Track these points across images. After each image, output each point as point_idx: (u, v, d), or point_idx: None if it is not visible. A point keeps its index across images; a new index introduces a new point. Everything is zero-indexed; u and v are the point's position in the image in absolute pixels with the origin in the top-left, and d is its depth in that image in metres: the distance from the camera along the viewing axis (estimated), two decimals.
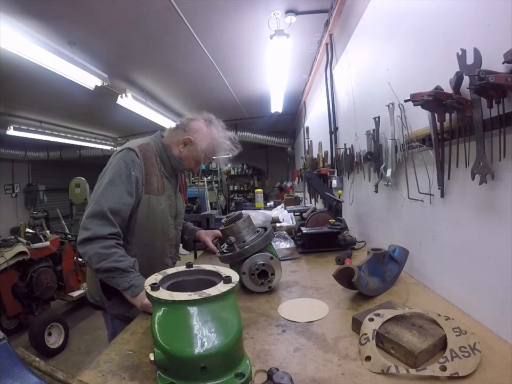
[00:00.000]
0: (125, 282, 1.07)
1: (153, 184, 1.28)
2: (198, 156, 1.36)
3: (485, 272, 0.83)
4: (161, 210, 1.32)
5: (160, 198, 1.31)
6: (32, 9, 2.58)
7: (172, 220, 1.40)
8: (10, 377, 0.50)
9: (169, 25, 2.98)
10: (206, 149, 1.36)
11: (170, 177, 1.39)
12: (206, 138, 1.36)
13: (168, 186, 1.38)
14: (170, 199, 1.38)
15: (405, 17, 1.26)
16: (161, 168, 1.34)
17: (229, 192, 10.94)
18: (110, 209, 1.12)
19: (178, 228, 1.47)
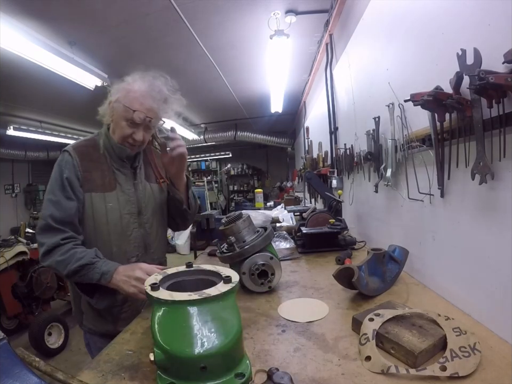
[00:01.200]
0: (96, 274, 1.04)
1: (94, 181, 1.17)
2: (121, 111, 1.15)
3: (485, 272, 0.83)
4: (110, 208, 1.18)
5: (109, 194, 1.18)
6: (32, 9, 2.58)
7: (134, 217, 1.23)
8: (10, 377, 0.50)
9: (169, 25, 2.98)
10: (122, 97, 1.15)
11: (123, 168, 1.24)
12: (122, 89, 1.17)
13: (123, 179, 1.23)
14: (127, 193, 1.22)
15: (405, 17, 1.26)
16: (110, 162, 1.22)
17: (229, 192, 10.94)
18: (53, 219, 1.08)
19: (147, 226, 1.27)
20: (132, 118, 1.14)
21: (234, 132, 7.65)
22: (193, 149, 9.60)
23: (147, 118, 1.16)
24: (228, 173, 10.50)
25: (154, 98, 1.16)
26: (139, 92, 1.15)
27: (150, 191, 1.31)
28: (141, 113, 1.14)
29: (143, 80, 1.17)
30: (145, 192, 1.29)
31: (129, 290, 1.02)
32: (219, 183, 10.72)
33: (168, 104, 1.21)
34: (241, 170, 11.16)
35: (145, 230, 1.27)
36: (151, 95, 1.15)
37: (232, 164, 11.08)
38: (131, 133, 1.17)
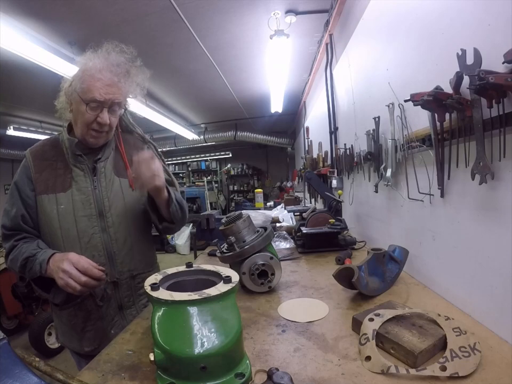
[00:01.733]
0: (37, 265, 0.96)
1: (45, 182, 1.06)
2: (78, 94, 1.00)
3: (485, 272, 0.83)
4: (62, 211, 1.04)
5: (61, 195, 1.05)
6: (32, 9, 2.57)
7: (93, 220, 1.07)
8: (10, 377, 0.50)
9: (169, 25, 2.98)
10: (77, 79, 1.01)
11: (79, 162, 1.09)
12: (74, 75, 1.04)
13: (80, 177, 1.08)
14: (83, 192, 1.07)
15: (405, 17, 1.26)
16: (68, 158, 1.09)
17: (229, 192, 10.95)
18: (4, 227, 1.07)
19: (111, 231, 1.09)
20: (92, 99, 0.99)
21: (234, 132, 7.65)
22: (193, 149, 9.60)
23: (109, 95, 1.01)
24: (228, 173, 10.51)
25: (113, 72, 1.02)
26: (94, 68, 1.00)
27: (119, 187, 1.12)
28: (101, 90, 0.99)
29: (97, 55, 1.04)
30: (110, 189, 1.11)
31: (58, 282, 0.93)
32: (219, 183, 10.72)
33: (131, 76, 1.07)
34: (241, 170, 11.16)
35: (110, 236, 1.09)
36: (110, 69, 1.02)
37: (232, 164, 11.09)
38: (94, 117, 1.02)
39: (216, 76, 4.39)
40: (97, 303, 1.10)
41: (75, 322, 1.10)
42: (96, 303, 1.10)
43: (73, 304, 1.09)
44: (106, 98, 1.01)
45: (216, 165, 11.14)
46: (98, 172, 1.11)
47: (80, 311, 1.10)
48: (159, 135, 7.98)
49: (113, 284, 1.11)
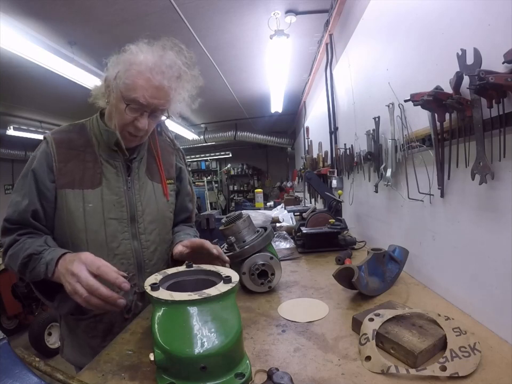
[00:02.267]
0: (41, 266, 0.80)
1: (71, 174, 0.93)
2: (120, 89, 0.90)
3: (485, 272, 0.83)
4: (90, 210, 0.93)
5: (89, 192, 0.94)
6: (32, 9, 2.58)
7: (124, 225, 0.97)
8: (10, 377, 0.50)
9: (169, 25, 2.98)
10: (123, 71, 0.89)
11: (113, 159, 0.99)
12: (118, 64, 0.91)
13: (111, 174, 0.98)
14: (115, 192, 0.97)
15: (405, 17, 1.26)
16: (98, 151, 0.98)
17: (229, 192, 10.95)
18: (7, 221, 0.91)
19: (143, 238, 1.01)
20: (134, 99, 0.89)
21: (234, 132, 7.66)
22: (193, 149, 9.60)
23: (155, 100, 0.90)
24: (228, 173, 10.51)
25: (165, 74, 0.89)
26: (145, 64, 0.88)
27: (152, 192, 1.05)
28: (146, 92, 0.88)
29: (150, 50, 0.91)
30: (144, 193, 1.03)
31: (66, 287, 0.75)
32: (219, 183, 10.73)
33: (181, 82, 0.95)
34: (241, 170, 11.17)
35: (140, 243, 1.00)
36: (161, 69, 0.89)
37: (232, 164, 11.09)
38: (133, 119, 0.92)
39: (216, 76, 4.39)
40: (124, 316, 0.96)
41: (93, 335, 0.97)
42: (123, 316, 0.96)
43: (93, 314, 0.96)
44: (150, 102, 0.90)
45: (216, 165, 11.14)
46: (133, 172, 1.02)
47: (101, 323, 0.97)
48: None
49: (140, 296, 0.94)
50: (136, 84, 0.88)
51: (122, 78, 0.88)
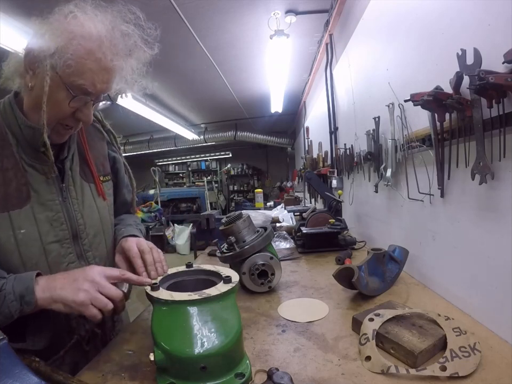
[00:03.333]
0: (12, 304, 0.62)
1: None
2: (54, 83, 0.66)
3: (485, 272, 0.83)
4: (24, 238, 0.70)
5: (17, 213, 0.70)
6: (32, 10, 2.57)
7: (67, 245, 0.77)
8: (10, 377, 0.50)
9: (169, 25, 2.98)
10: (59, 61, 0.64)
11: (40, 163, 0.73)
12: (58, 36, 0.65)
13: (41, 183, 0.74)
14: (50, 207, 0.75)
15: (405, 17, 1.26)
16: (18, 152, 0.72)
17: (229, 192, 10.95)
18: None
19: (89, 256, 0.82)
20: (81, 87, 0.67)
21: (234, 132, 7.66)
22: (193, 149, 9.61)
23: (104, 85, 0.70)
24: (228, 173, 10.51)
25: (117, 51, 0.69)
26: (96, 38, 0.66)
27: (91, 197, 0.84)
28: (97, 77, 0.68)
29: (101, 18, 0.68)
30: (82, 201, 0.82)
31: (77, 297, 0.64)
32: (219, 183, 10.72)
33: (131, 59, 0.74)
34: (241, 170, 11.17)
35: (88, 262, 0.81)
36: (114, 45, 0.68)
37: (232, 164, 11.09)
38: (74, 110, 0.70)
39: (216, 76, 4.39)
40: (84, 349, 0.83)
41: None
42: (83, 349, 0.83)
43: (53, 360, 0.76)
44: (99, 88, 0.70)
45: (216, 165, 11.14)
46: (66, 176, 0.79)
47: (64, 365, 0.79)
48: (159, 135, 7.99)
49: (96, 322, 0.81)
50: (84, 67, 0.65)
51: (64, 57, 0.64)
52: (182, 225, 6.63)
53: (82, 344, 0.83)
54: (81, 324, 0.83)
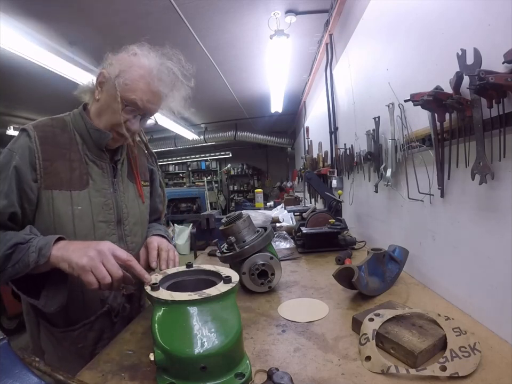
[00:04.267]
0: (32, 254, 0.73)
1: (57, 174, 0.87)
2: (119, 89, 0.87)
3: (485, 272, 0.83)
4: (79, 213, 0.89)
5: (77, 193, 0.89)
6: (32, 9, 2.58)
7: (111, 227, 0.95)
8: (10, 377, 0.50)
9: (169, 25, 2.98)
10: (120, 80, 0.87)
11: (100, 160, 0.96)
12: (121, 64, 0.89)
13: (98, 175, 0.94)
14: (103, 194, 0.94)
15: (405, 17, 1.26)
16: (83, 149, 0.93)
17: (229, 192, 10.95)
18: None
19: (128, 240, 1.00)
20: (132, 101, 0.88)
21: (234, 132, 7.65)
22: (193, 149, 9.61)
23: (150, 104, 0.91)
24: (228, 173, 10.51)
25: (162, 81, 0.90)
26: (147, 68, 0.89)
27: (134, 194, 1.05)
28: (145, 96, 0.89)
29: (153, 55, 0.92)
30: (127, 195, 1.02)
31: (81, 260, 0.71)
32: (219, 183, 10.72)
33: (174, 90, 0.95)
34: (241, 170, 11.16)
35: (126, 245, 0.98)
36: (160, 76, 0.90)
37: (232, 164, 11.09)
38: (125, 120, 0.91)
39: (216, 76, 4.39)
40: (112, 320, 0.97)
41: (84, 345, 0.93)
42: (111, 320, 0.97)
43: (83, 323, 0.93)
44: (146, 106, 0.91)
45: (216, 165, 11.14)
46: (118, 174, 1.00)
47: (92, 331, 0.94)
48: (159, 135, 7.98)
49: (127, 297, 1.02)
50: (137, 86, 0.88)
51: (122, 77, 0.87)
52: (182, 225, 6.63)
53: (111, 315, 0.97)
54: (114, 296, 0.98)
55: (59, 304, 0.83)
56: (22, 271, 0.75)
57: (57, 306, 0.83)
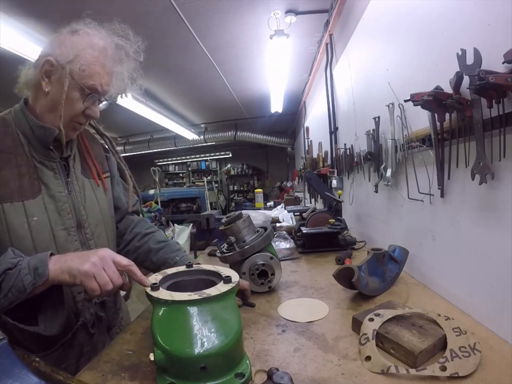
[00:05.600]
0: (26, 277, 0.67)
1: (7, 184, 0.77)
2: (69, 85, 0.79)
3: (485, 272, 0.83)
4: (36, 224, 0.80)
5: (30, 203, 0.80)
6: (32, 10, 2.58)
7: (72, 233, 0.87)
8: (10, 377, 0.50)
9: (169, 25, 2.98)
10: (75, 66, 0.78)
11: (49, 160, 0.85)
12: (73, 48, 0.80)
13: (50, 178, 0.85)
14: (58, 198, 0.85)
15: (405, 17, 1.26)
16: (29, 151, 0.83)
17: (229, 192, 10.95)
18: None
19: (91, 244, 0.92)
20: (92, 87, 0.81)
21: (234, 132, 7.66)
22: (193, 149, 9.61)
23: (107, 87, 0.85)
24: (228, 173, 10.50)
25: (114, 59, 0.85)
26: (103, 48, 0.82)
27: (91, 191, 0.95)
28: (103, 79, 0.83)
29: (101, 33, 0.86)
30: (83, 194, 0.92)
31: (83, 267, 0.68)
32: (219, 183, 10.72)
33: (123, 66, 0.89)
34: (241, 170, 11.16)
35: (90, 249, 0.88)
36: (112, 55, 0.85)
37: (232, 164, 11.09)
38: (85, 108, 0.84)
39: (216, 76, 4.39)
40: (90, 332, 0.91)
41: (66, 365, 0.86)
42: (89, 332, 0.90)
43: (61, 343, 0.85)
44: (105, 90, 0.85)
45: (216, 165, 11.14)
46: (71, 173, 0.90)
47: (71, 348, 0.87)
48: (159, 135, 7.99)
49: (100, 305, 0.95)
50: (93, 70, 0.81)
51: (77, 63, 0.78)
52: (182, 225, 6.62)
53: (88, 327, 0.91)
54: (86, 307, 0.90)
55: (60, 325, 0.77)
56: (18, 298, 0.68)
57: (59, 327, 0.77)
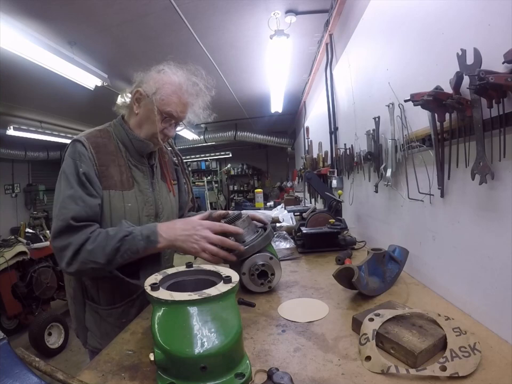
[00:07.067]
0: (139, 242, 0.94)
1: (112, 177, 1.06)
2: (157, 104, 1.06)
3: (485, 272, 0.83)
4: (129, 209, 1.08)
5: (127, 193, 1.08)
6: (32, 9, 2.58)
7: (152, 220, 1.14)
8: (10, 377, 0.50)
9: (169, 25, 2.98)
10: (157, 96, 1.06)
11: (141, 164, 1.15)
12: (156, 83, 1.07)
13: (140, 177, 1.14)
14: (145, 193, 1.14)
15: (405, 17, 1.26)
16: (126, 156, 1.12)
17: (229, 192, 10.95)
18: (76, 219, 0.94)
19: None
20: (169, 113, 1.08)
21: (234, 132, 7.65)
22: (193, 149, 9.60)
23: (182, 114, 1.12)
24: (228, 173, 10.50)
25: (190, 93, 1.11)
26: (179, 84, 1.08)
27: (166, 192, 1.25)
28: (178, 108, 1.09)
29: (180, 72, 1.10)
30: (161, 193, 1.21)
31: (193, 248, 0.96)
32: (219, 183, 10.72)
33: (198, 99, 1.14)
34: (241, 170, 11.16)
35: None
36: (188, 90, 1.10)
37: (232, 164, 11.09)
38: (163, 128, 1.12)
39: (216, 76, 4.34)
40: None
41: (126, 320, 1.07)
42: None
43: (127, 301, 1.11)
44: (179, 116, 1.11)
45: (216, 165, 11.14)
46: (155, 176, 1.21)
47: (133, 307, 1.12)
48: None
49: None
50: (171, 100, 1.07)
51: (158, 94, 1.05)
52: None
53: None
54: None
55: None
56: (131, 258, 0.95)
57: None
